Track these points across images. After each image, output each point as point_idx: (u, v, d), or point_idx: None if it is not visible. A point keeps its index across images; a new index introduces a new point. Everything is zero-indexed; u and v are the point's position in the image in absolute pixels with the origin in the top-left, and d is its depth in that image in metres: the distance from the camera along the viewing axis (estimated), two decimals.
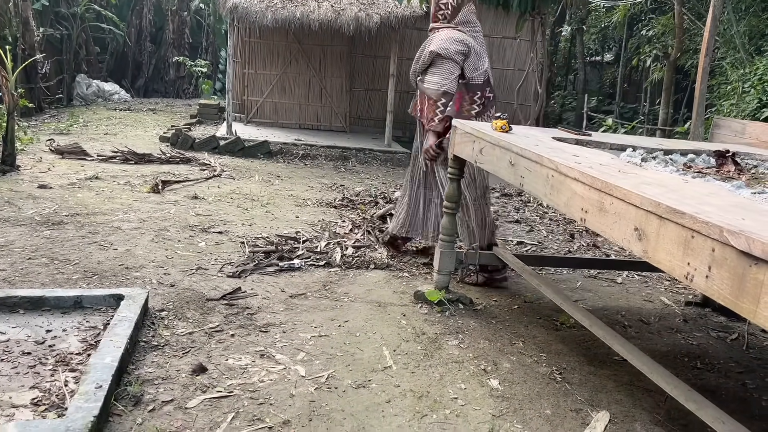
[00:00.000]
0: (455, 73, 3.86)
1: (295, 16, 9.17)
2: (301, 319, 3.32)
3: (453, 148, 3.54)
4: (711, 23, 5.17)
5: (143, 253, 4.06)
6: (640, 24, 13.10)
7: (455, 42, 3.86)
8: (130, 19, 15.96)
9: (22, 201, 4.98)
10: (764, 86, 6.79)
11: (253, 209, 5.53)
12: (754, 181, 2.46)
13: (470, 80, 3.91)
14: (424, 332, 3.29)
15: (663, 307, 4.12)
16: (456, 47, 3.84)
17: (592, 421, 2.56)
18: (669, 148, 3.12)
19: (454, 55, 3.83)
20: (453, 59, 3.84)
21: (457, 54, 3.84)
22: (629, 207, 1.90)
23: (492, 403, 2.64)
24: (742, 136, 3.90)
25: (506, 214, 6.39)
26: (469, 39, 3.92)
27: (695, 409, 2.15)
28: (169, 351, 2.82)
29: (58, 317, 2.93)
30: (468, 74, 3.90)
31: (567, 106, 16.16)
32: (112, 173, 6.40)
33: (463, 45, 3.87)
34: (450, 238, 3.68)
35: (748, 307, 1.45)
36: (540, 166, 2.52)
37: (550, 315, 3.73)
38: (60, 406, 2.24)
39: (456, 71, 3.87)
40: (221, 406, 2.42)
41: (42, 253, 3.87)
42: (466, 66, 3.89)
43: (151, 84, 16.77)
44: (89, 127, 9.72)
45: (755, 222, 1.58)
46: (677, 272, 1.69)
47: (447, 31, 3.96)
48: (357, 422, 2.41)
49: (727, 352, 3.46)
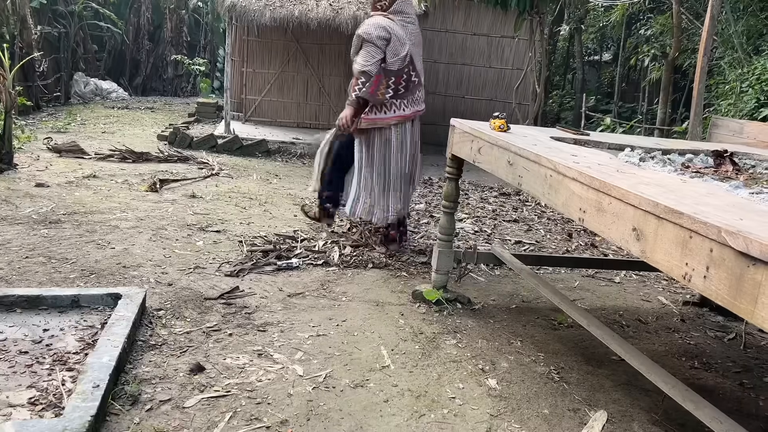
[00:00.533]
0: (376, 56, 4.13)
1: (294, 15, 9.15)
2: (299, 318, 3.32)
3: (451, 147, 3.54)
4: (709, 23, 5.17)
5: (141, 252, 4.05)
6: (639, 23, 13.10)
7: (378, 28, 4.14)
8: (128, 18, 15.92)
9: (20, 199, 4.97)
10: (762, 86, 6.80)
11: (251, 208, 5.53)
12: (752, 181, 2.46)
13: (388, 65, 4.18)
14: (422, 332, 3.29)
15: (661, 306, 4.12)
16: (378, 33, 4.12)
17: (589, 421, 2.57)
18: (667, 148, 3.12)
19: (375, 40, 4.11)
20: (374, 43, 4.12)
21: (379, 39, 4.11)
22: (627, 207, 1.90)
23: (490, 403, 2.64)
24: (740, 135, 3.91)
25: (504, 213, 6.39)
26: (394, 26, 4.20)
27: (693, 408, 2.16)
28: (166, 350, 2.81)
29: (56, 316, 2.92)
30: (388, 59, 4.18)
31: (565, 106, 16.17)
32: (110, 172, 6.39)
33: (385, 31, 4.14)
34: (448, 237, 3.68)
35: (745, 307, 1.45)
36: (538, 165, 2.51)
37: (548, 314, 3.73)
38: (57, 405, 2.23)
39: (378, 55, 4.14)
40: (219, 406, 2.42)
41: (39, 251, 3.86)
42: (388, 51, 4.17)
43: (149, 82, 16.74)
44: (87, 126, 9.70)
45: (753, 222, 1.58)
46: (675, 272, 1.69)
47: (376, 18, 4.27)
48: (355, 422, 2.41)
49: (725, 352, 3.46)
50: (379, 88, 4.19)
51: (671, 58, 9.60)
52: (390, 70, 4.19)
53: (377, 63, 4.13)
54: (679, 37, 9.36)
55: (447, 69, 11.59)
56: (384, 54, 4.15)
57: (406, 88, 4.30)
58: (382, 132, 4.32)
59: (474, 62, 11.56)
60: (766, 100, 6.62)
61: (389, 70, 4.19)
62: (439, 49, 11.50)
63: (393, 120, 4.30)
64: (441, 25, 11.33)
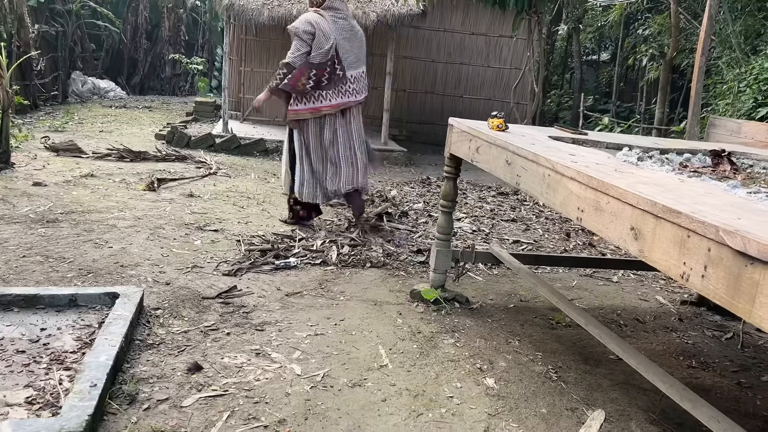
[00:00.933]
0: (302, 50, 4.49)
1: (292, 14, 9.13)
2: (297, 317, 3.31)
3: (449, 146, 3.54)
4: (707, 23, 5.17)
5: (138, 251, 4.04)
6: (637, 23, 13.11)
7: (305, 23, 4.49)
8: (125, 16, 15.89)
9: (17, 198, 4.95)
10: (760, 86, 6.80)
11: (248, 207, 5.52)
12: (749, 181, 2.47)
13: (310, 58, 4.50)
14: (420, 331, 3.29)
15: (658, 306, 4.13)
16: (304, 27, 4.47)
17: (587, 420, 2.57)
18: (665, 148, 3.12)
19: (301, 34, 4.47)
20: (300, 37, 4.47)
21: (305, 33, 4.46)
22: (625, 206, 1.90)
23: (488, 402, 2.64)
24: (738, 135, 3.91)
25: (502, 212, 6.39)
26: (321, 22, 4.52)
27: (690, 407, 2.16)
28: (164, 349, 2.81)
29: (53, 315, 2.92)
30: (312, 52, 4.51)
31: (563, 105, 16.16)
32: (108, 171, 6.38)
33: (310, 26, 4.48)
34: (446, 236, 3.68)
35: (743, 307, 1.45)
36: (536, 165, 2.51)
37: (546, 314, 3.73)
38: (54, 404, 2.23)
39: (303, 48, 4.49)
40: (216, 405, 2.42)
41: (37, 251, 3.85)
42: (313, 45, 4.49)
43: (147, 81, 16.70)
44: (84, 125, 9.68)
45: (751, 221, 1.58)
46: (673, 272, 1.69)
47: (307, 14, 4.64)
48: (353, 421, 2.40)
49: (723, 351, 3.47)
50: (300, 80, 4.51)
51: (669, 57, 9.60)
52: (312, 63, 4.49)
53: (302, 56, 4.48)
54: (677, 37, 9.36)
55: (445, 68, 11.59)
56: (310, 47, 4.48)
57: (329, 80, 4.60)
58: (315, 122, 4.69)
59: (472, 62, 11.57)
60: (763, 100, 6.62)
61: (311, 63, 4.49)
62: (437, 48, 11.50)
63: (323, 110, 4.66)
64: (439, 25, 11.33)
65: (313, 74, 4.51)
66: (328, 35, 4.50)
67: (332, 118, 4.74)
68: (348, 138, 4.84)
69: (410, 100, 11.74)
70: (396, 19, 9.25)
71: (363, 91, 4.87)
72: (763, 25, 8.06)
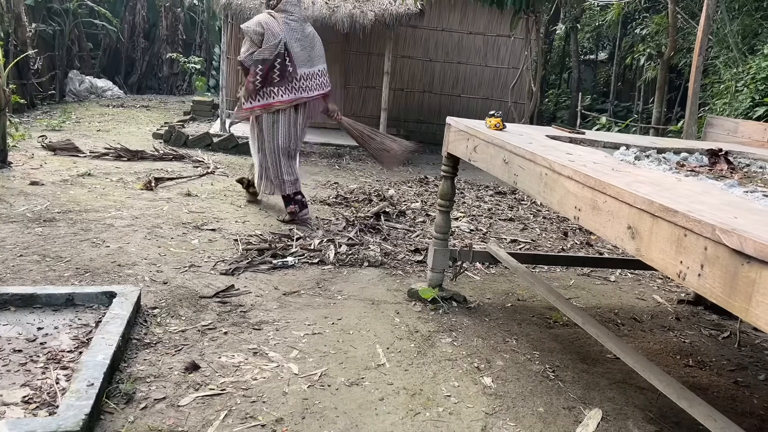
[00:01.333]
0: (252, 49, 4.75)
1: None
2: (295, 316, 3.31)
3: (447, 145, 3.54)
4: (704, 22, 5.18)
5: (136, 251, 4.04)
6: (634, 23, 13.12)
7: (256, 24, 4.76)
8: (123, 15, 15.85)
9: (14, 198, 4.94)
10: (757, 85, 6.81)
11: (246, 206, 5.51)
12: (746, 180, 2.47)
13: (257, 54, 4.74)
14: (417, 330, 3.29)
15: (656, 305, 4.13)
16: (254, 28, 4.73)
17: (584, 419, 2.57)
18: (662, 147, 3.13)
19: (251, 34, 4.73)
20: (250, 37, 4.74)
21: (254, 33, 4.72)
22: (622, 205, 1.91)
23: (485, 401, 2.64)
24: (735, 134, 3.92)
25: (500, 212, 6.40)
26: (271, 22, 4.76)
27: (687, 406, 2.16)
28: (161, 349, 2.81)
29: (50, 315, 2.91)
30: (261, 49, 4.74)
31: (561, 105, 16.17)
32: (105, 170, 6.37)
33: (260, 26, 4.73)
34: (444, 235, 3.68)
35: (740, 305, 1.45)
36: (534, 164, 2.52)
37: (544, 313, 3.74)
38: (51, 404, 2.23)
39: (253, 47, 4.75)
40: (214, 404, 2.42)
41: (33, 250, 3.84)
42: (263, 44, 4.73)
43: (145, 80, 16.66)
44: (82, 124, 9.66)
45: (747, 220, 1.59)
46: (670, 270, 1.69)
47: (260, 15, 4.90)
48: (350, 420, 2.40)
49: (719, 350, 3.47)
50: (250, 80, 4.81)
51: (667, 57, 9.61)
52: (257, 59, 4.75)
53: (253, 54, 4.77)
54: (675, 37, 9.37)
55: (443, 68, 11.59)
56: (259, 47, 4.75)
57: (281, 77, 4.85)
58: (269, 116, 4.95)
59: (470, 61, 11.57)
60: (760, 100, 6.63)
61: (257, 60, 4.75)
62: (435, 47, 11.49)
63: (275, 105, 4.90)
64: (437, 24, 11.33)
65: (259, 70, 4.75)
66: (277, 34, 4.74)
67: (286, 113, 4.97)
68: (300, 133, 5.14)
69: (408, 99, 11.74)
70: (394, 19, 9.25)
71: (318, 88, 5.09)
72: (761, 25, 8.08)
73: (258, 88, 4.82)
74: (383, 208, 5.60)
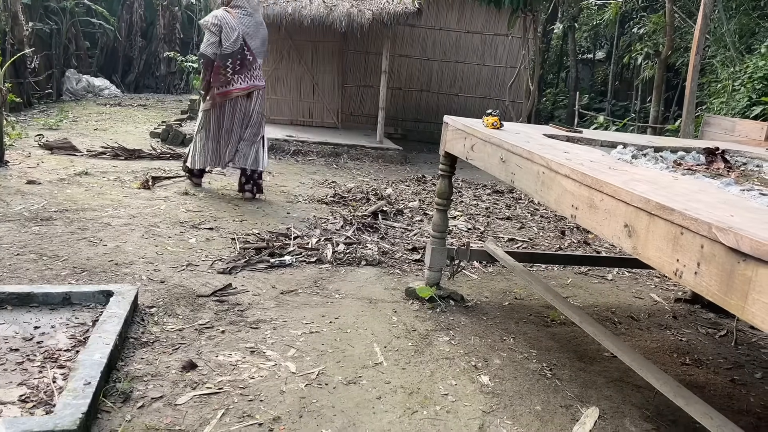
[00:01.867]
0: (211, 39, 5.22)
1: (287, 12, 9.13)
2: (292, 315, 3.31)
3: (444, 144, 3.54)
4: (702, 21, 5.19)
5: (133, 249, 4.03)
6: (632, 22, 13.13)
7: (212, 17, 5.23)
8: (120, 14, 15.82)
9: (11, 197, 4.93)
10: (754, 84, 6.82)
11: (244, 205, 5.51)
12: (743, 178, 2.48)
13: (223, 50, 5.22)
14: (415, 329, 3.29)
15: (653, 303, 4.14)
16: (212, 21, 5.19)
17: (581, 417, 2.57)
18: (659, 146, 3.13)
19: (210, 26, 5.19)
20: (209, 29, 5.20)
21: (213, 26, 5.18)
22: (619, 204, 1.91)
23: (482, 399, 2.65)
24: (732, 133, 3.92)
25: (497, 210, 6.40)
26: (226, 17, 5.23)
27: (684, 404, 2.17)
28: (158, 347, 2.80)
29: (47, 313, 2.91)
30: (223, 44, 5.22)
31: (558, 104, 16.19)
32: (102, 169, 6.36)
33: (216, 20, 5.19)
34: (441, 234, 3.68)
35: (736, 303, 1.45)
36: (531, 162, 2.52)
37: (541, 312, 3.74)
38: (48, 402, 2.22)
39: (212, 38, 5.21)
40: (211, 403, 2.42)
41: (30, 249, 3.84)
42: (222, 37, 5.20)
43: (142, 79, 16.64)
44: (79, 123, 9.65)
45: (744, 219, 1.59)
46: (666, 269, 1.70)
47: (216, 10, 5.36)
48: (347, 418, 2.41)
49: (716, 349, 3.48)
50: (219, 69, 5.29)
51: (664, 56, 9.62)
52: (225, 54, 5.24)
53: (212, 45, 5.22)
54: (672, 36, 9.38)
55: (441, 67, 11.59)
56: (219, 38, 5.19)
57: (242, 65, 5.36)
58: (226, 104, 5.42)
59: (467, 60, 11.57)
60: (757, 99, 6.65)
61: (224, 54, 5.23)
62: (432, 46, 11.50)
63: (234, 92, 5.40)
64: (435, 23, 11.33)
65: (229, 63, 5.27)
66: (234, 27, 5.22)
67: (242, 101, 5.46)
68: (251, 120, 5.57)
69: (405, 98, 11.74)
70: (391, 17, 9.24)
71: (263, 78, 5.64)
72: (758, 24, 8.09)
73: (228, 79, 5.31)
74: (381, 207, 5.60)
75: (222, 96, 5.40)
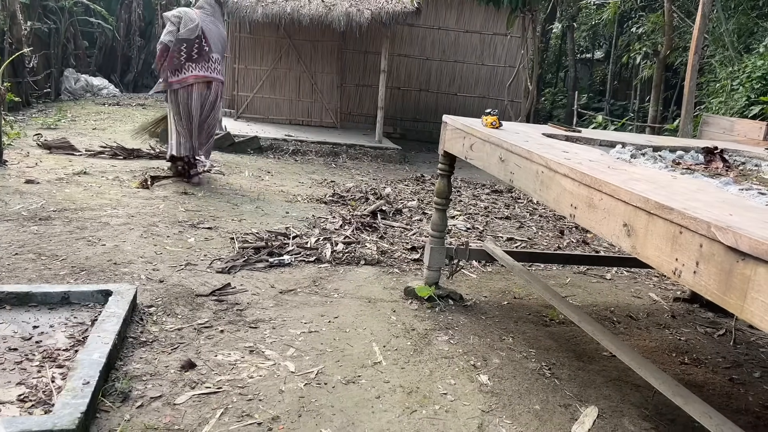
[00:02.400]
0: (169, 29, 5.77)
1: (286, 11, 9.13)
2: (291, 315, 3.31)
3: (443, 144, 3.54)
4: (700, 21, 5.19)
5: (132, 249, 4.03)
6: (630, 21, 13.14)
7: (175, 11, 5.87)
8: (119, 14, 15.80)
9: (9, 196, 4.93)
10: (752, 84, 6.83)
11: (242, 205, 5.51)
12: (741, 178, 2.48)
13: (179, 34, 5.73)
14: (413, 328, 3.29)
15: (651, 303, 4.14)
16: (174, 13, 5.85)
17: (580, 416, 2.58)
18: (658, 145, 3.13)
19: (171, 18, 5.79)
20: (170, 20, 5.79)
21: (174, 17, 5.79)
22: (618, 203, 1.91)
23: (481, 399, 2.65)
24: (731, 133, 3.93)
25: (496, 210, 6.40)
26: (189, 11, 5.88)
27: (683, 403, 2.17)
28: (157, 347, 2.80)
29: (45, 313, 2.90)
30: (181, 30, 5.75)
31: (557, 103, 16.20)
32: (101, 168, 6.35)
33: (178, 12, 5.85)
34: (440, 234, 3.68)
35: (735, 303, 1.45)
36: (530, 162, 2.52)
37: (540, 311, 3.74)
38: (47, 402, 2.22)
39: (170, 28, 5.76)
40: (210, 402, 2.42)
41: (29, 248, 3.83)
42: (181, 26, 5.75)
43: (141, 79, 16.62)
44: (77, 122, 9.64)
45: (742, 218, 1.59)
46: (665, 268, 1.70)
47: (181, 8, 6.01)
48: (346, 418, 2.41)
49: (715, 348, 3.48)
50: (174, 54, 5.71)
51: (663, 56, 9.63)
52: (181, 38, 5.70)
53: (171, 33, 5.72)
54: (671, 35, 9.39)
55: (439, 66, 11.59)
56: (177, 28, 5.73)
57: (198, 54, 5.79)
58: (185, 89, 5.78)
59: (466, 59, 11.57)
60: (756, 98, 6.66)
61: (180, 39, 5.71)
62: (431, 46, 11.50)
63: (191, 79, 5.76)
64: (433, 22, 11.33)
65: (184, 47, 5.70)
66: (194, 19, 5.78)
67: (200, 88, 5.81)
68: (213, 107, 5.99)
69: (404, 97, 11.74)
70: (390, 17, 9.25)
71: (223, 74, 6.05)
72: (756, 24, 8.10)
73: (182, 63, 5.72)
74: (380, 207, 5.60)
75: (179, 83, 5.75)
